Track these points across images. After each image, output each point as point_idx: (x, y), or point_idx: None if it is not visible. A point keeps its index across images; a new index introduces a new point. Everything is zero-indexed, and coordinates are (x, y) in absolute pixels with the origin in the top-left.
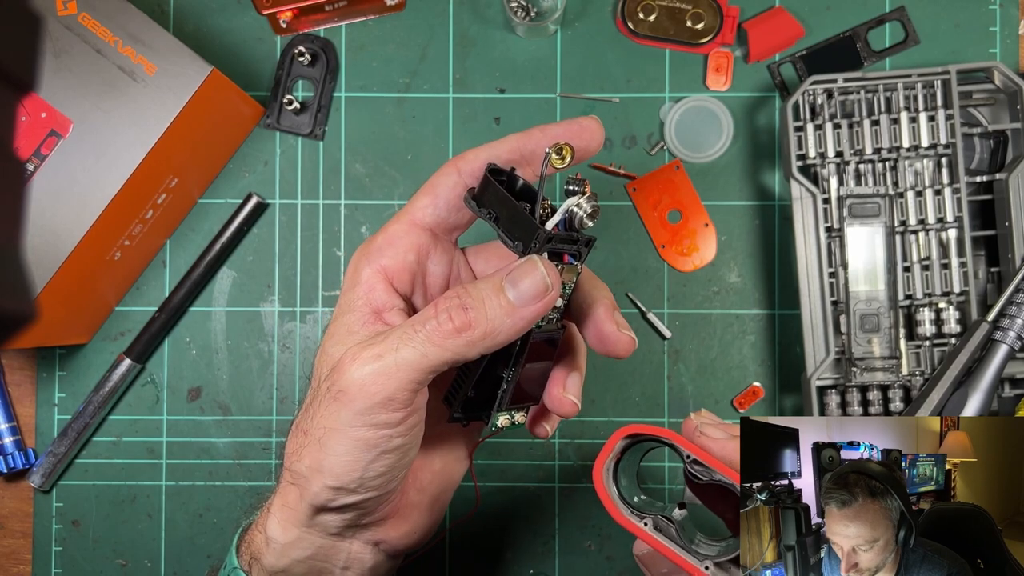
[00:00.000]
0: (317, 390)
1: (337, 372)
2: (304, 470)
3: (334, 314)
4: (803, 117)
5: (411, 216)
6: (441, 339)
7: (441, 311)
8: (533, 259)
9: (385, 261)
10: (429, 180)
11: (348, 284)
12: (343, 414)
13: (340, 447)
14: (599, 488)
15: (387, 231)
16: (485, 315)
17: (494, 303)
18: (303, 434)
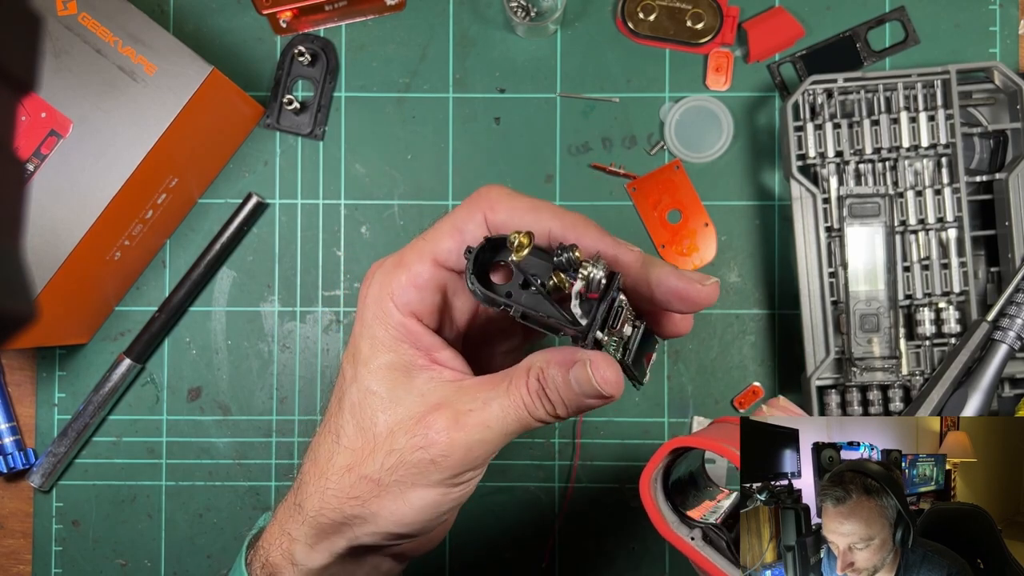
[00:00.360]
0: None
1: (435, 435)
2: (367, 515)
3: (367, 350)
4: (803, 117)
5: (434, 255)
6: (535, 419)
7: (533, 395)
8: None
9: (414, 305)
10: (454, 216)
11: (377, 321)
12: (436, 475)
13: (421, 502)
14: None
15: (410, 269)
16: (563, 406)
17: (568, 396)
18: (372, 483)
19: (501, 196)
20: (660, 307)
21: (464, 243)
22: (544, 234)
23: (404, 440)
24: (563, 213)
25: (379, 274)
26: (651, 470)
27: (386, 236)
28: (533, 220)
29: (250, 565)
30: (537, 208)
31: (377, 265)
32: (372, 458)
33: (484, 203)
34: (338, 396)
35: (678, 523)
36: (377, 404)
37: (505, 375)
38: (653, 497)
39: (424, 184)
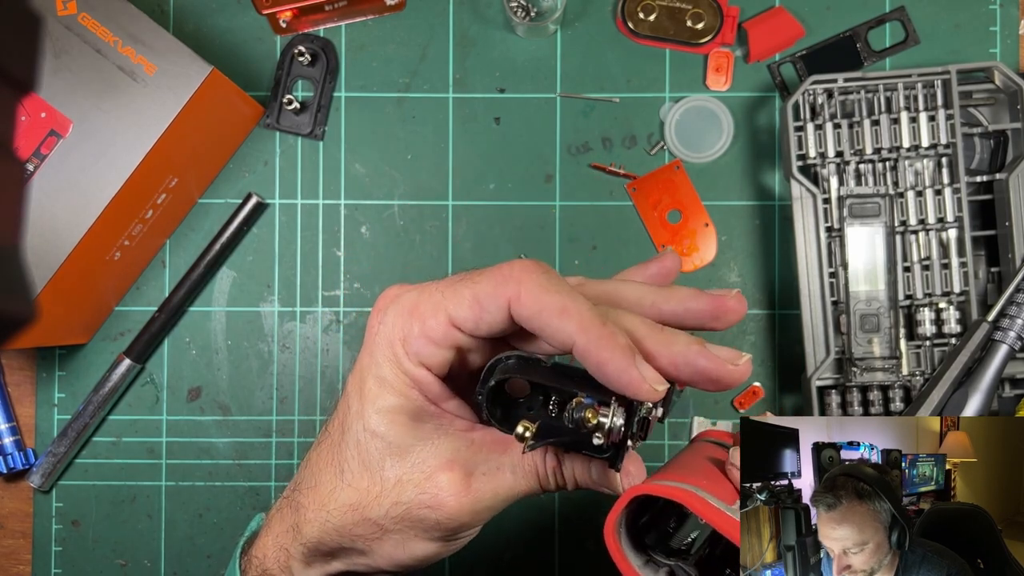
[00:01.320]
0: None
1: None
2: (366, 551)
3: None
4: (803, 117)
5: (450, 313)
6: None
7: (549, 468)
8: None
9: (424, 357)
10: (477, 288)
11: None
12: (438, 533)
13: (421, 552)
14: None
15: (426, 323)
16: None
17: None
18: (375, 526)
19: (532, 286)
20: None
21: (481, 321)
22: (567, 345)
23: (412, 494)
24: (590, 325)
25: (392, 314)
26: (613, 519)
27: (386, 236)
28: (558, 327)
29: (245, 572)
30: (565, 313)
31: (392, 297)
32: (378, 503)
33: (512, 287)
34: (341, 425)
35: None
36: (384, 449)
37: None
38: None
39: (424, 184)
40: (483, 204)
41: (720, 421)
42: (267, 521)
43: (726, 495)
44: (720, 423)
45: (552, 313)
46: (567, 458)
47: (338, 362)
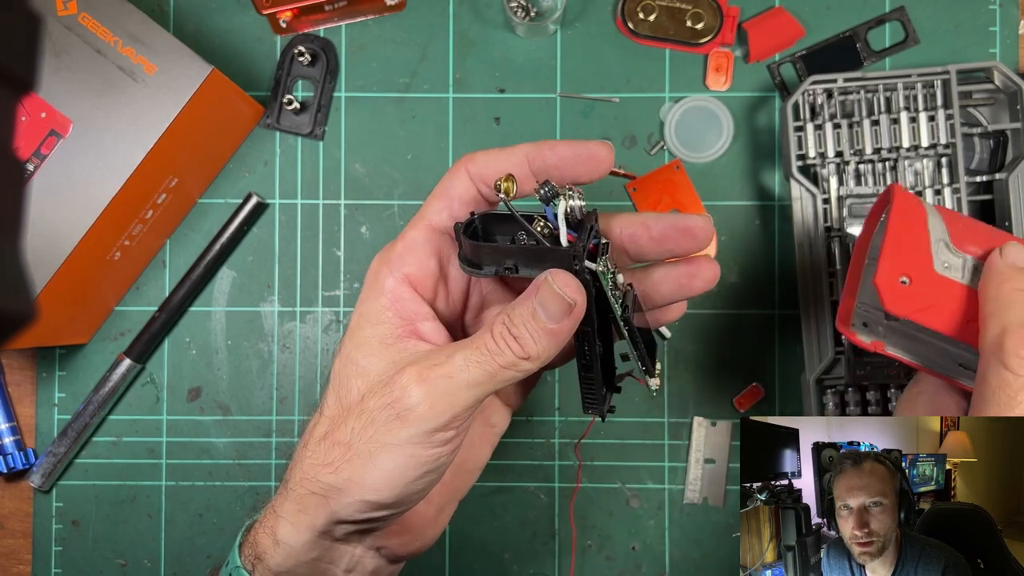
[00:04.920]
0: (361, 405)
1: (400, 391)
2: (341, 483)
3: (355, 323)
4: (803, 117)
5: (427, 221)
6: (503, 364)
7: (498, 338)
8: (547, 281)
9: (408, 269)
10: (440, 184)
11: (370, 293)
12: (403, 432)
13: (390, 463)
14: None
15: (405, 237)
16: (532, 341)
17: (534, 328)
18: (343, 447)
19: (476, 152)
20: (659, 253)
21: (451, 203)
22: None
23: (374, 401)
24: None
25: (381, 252)
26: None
27: (386, 236)
28: (509, 155)
29: (242, 547)
30: (512, 150)
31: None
32: (345, 423)
33: (464, 161)
34: (330, 374)
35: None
36: (352, 372)
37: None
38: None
39: (424, 184)
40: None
41: (720, 421)
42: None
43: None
44: (720, 423)
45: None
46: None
47: None
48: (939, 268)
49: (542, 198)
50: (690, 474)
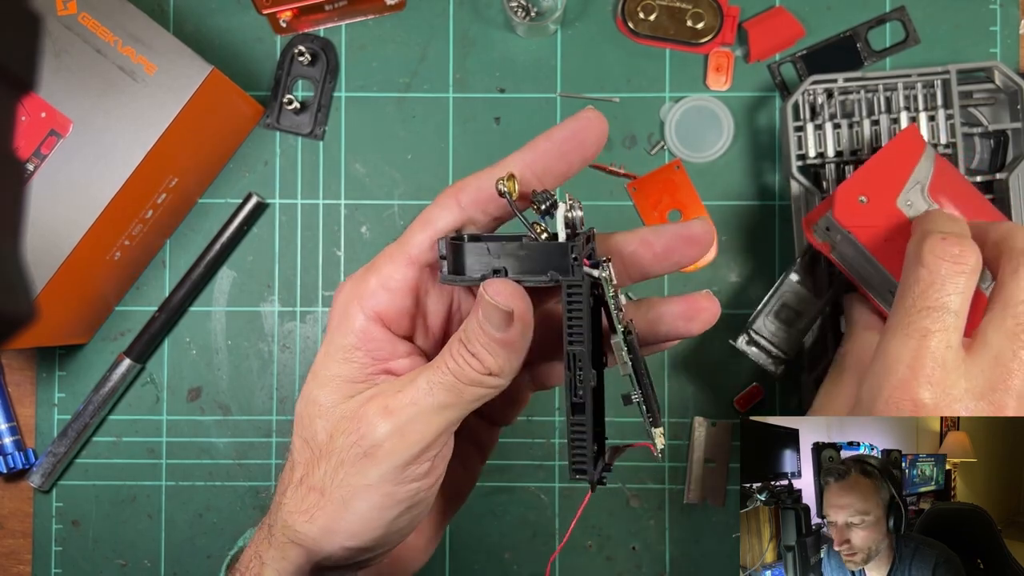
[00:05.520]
0: (330, 445)
1: (366, 426)
2: (317, 532)
3: (320, 361)
4: (803, 117)
5: (406, 254)
6: (467, 382)
7: (456, 355)
8: (480, 293)
9: (381, 307)
10: (424, 213)
11: (339, 328)
12: (373, 471)
13: (364, 505)
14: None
15: (380, 272)
16: (488, 355)
17: (486, 341)
18: (317, 493)
19: (465, 179)
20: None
21: (436, 235)
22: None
23: (341, 440)
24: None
25: (350, 282)
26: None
27: (386, 236)
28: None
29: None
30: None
31: (349, 278)
32: (317, 466)
33: (452, 191)
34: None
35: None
36: (316, 413)
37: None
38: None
39: (424, 184)
40: None
41: (720, 421)
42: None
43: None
44: (720, 423)
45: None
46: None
47: None
48: (900, 202)
49: (542, 210)
50: (690, 474)
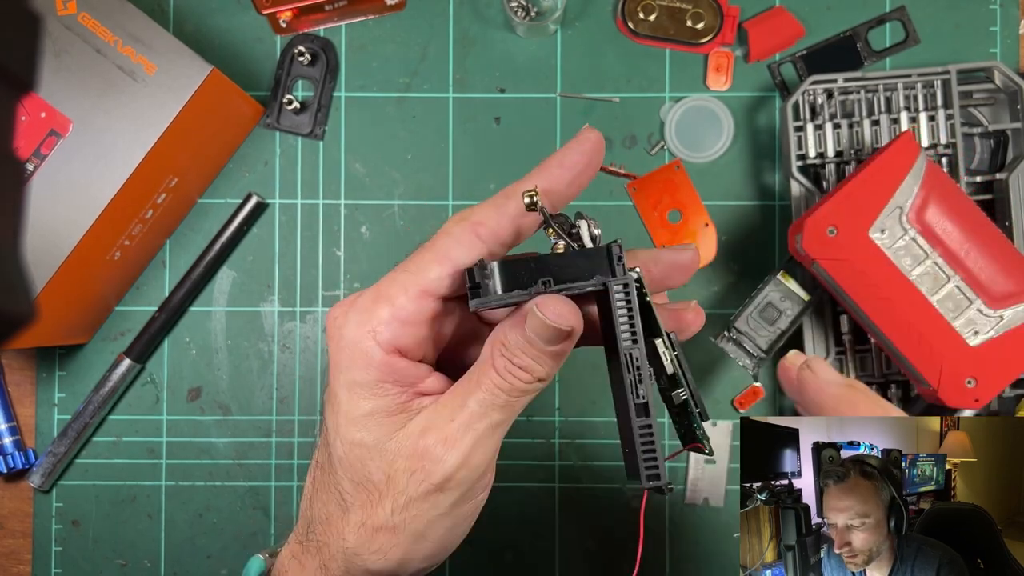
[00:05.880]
0: (390, 486)
1: (431, 462)
2: (394, 565)
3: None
4: (803, 117)
5: (422, 286)
6: (517, 395)
7: (503, 372)
8: (533, 312)
9: (399, 341)
10: (440, 243)
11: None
12: (446, 501)
13: (440, 531)
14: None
15: (393, 303)
16: (538, 366)
17: (535, 354)
18: (388, 532)
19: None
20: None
21: (457, 272)
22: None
23: (404, 479)
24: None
25: (355, 313)
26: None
27: (386, 236)
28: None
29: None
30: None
31: (346, 304)
32: (380, 507)
33: (466, 226)
34: (327, 450)
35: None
36: (365, 455)
37: (474, 368)
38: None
39: (424, 184)
40: None
41: (720, 421)
42: (282, 571)
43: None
44: (720, 423)
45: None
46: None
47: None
48: (872, 232)
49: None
50: (690, 474)
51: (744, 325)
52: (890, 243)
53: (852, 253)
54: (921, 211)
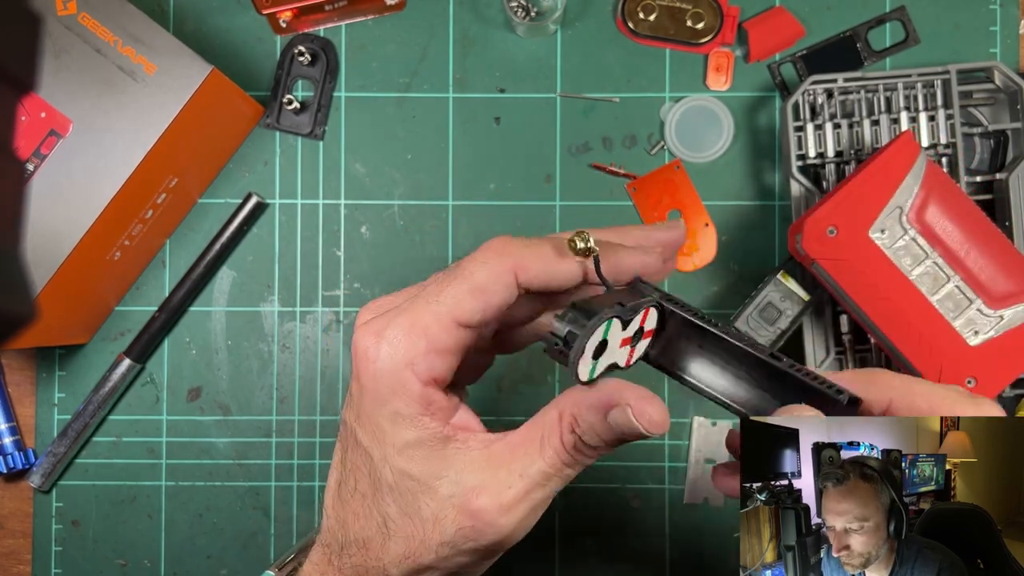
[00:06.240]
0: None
1: (484, 525)
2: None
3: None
4: (803, 117)
5: (454, 316)
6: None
7: (572, 451)
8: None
9: (436, 372)
10: (475, 275)
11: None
12: (489, 557)
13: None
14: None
15: (429, 335)
16: (605, 447)
17: (609, 438)
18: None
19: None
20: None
21: (490, 307)
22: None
23: (452, 530)
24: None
25: (391, 338)
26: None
27: (386, 236)
28: (561, 261)
29: None
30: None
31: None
32: (425, 548)
33: (510, 262)
34: (371, 477)
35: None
36: (417, 488)
37: (535, 429)
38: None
39: (424, 184)
40: (483, 204)
41: (720, 421)
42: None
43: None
44: (720, 423)
45: (550, 255)
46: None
47: (338, 362)
48: (872, 232)
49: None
50: (690, 474)
51: (744, 325)
52: (890, 243)
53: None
54: (921, 211)
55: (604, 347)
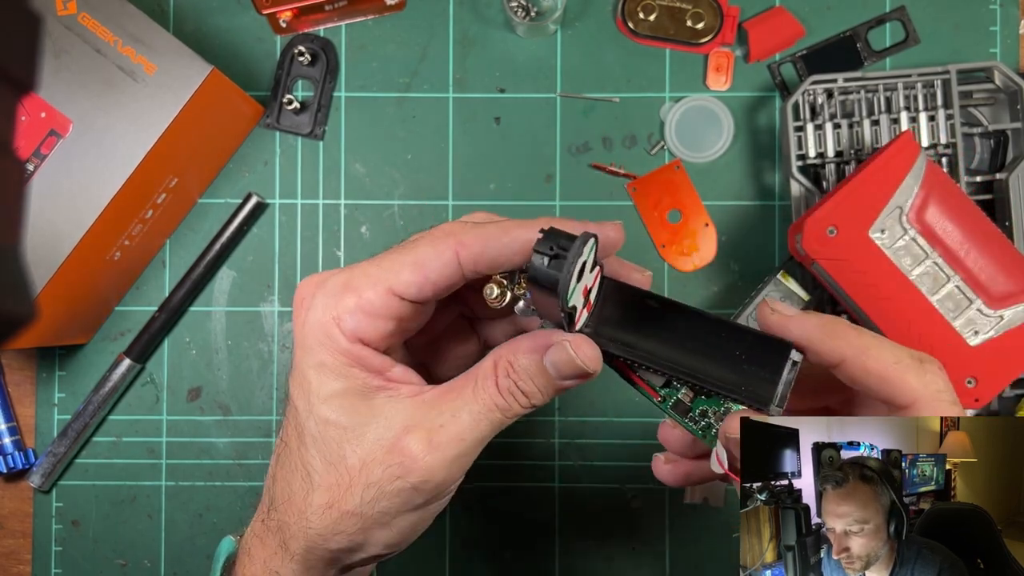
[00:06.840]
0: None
1: (411, 461)
2: (356, 546)
3: (315, 377)
4: (803, 117)
5: (390, 285)
6: (510, 416)
7: (505, 393)
8: (566, 349)
9: (362, 332)
10: (421, 250)
11: (322, 347)
12: (416, 499)
13: (406, 524)
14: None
15: (361, 296)
16: (539, 394)
17: (543, 383)
18: (356, 517)
19: (468, 230)
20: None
21: (427, 282)
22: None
23: (380, 471)
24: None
25: (321, 298)
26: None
27: (386, 236)
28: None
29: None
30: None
31: (314, 285)
32: (350, 493)
33: (452, 240)
34: (296, 429)
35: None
36: (340, 436)
37: (469, 376)
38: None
39: (424, 184)
40: (483, 204)
41: None
42: (246, 549)
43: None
44: None
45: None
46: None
47: None
48: (872, 232)
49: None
50: None
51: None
52: (890, 243)
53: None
54: (921, 211)
55: (581, 275)
